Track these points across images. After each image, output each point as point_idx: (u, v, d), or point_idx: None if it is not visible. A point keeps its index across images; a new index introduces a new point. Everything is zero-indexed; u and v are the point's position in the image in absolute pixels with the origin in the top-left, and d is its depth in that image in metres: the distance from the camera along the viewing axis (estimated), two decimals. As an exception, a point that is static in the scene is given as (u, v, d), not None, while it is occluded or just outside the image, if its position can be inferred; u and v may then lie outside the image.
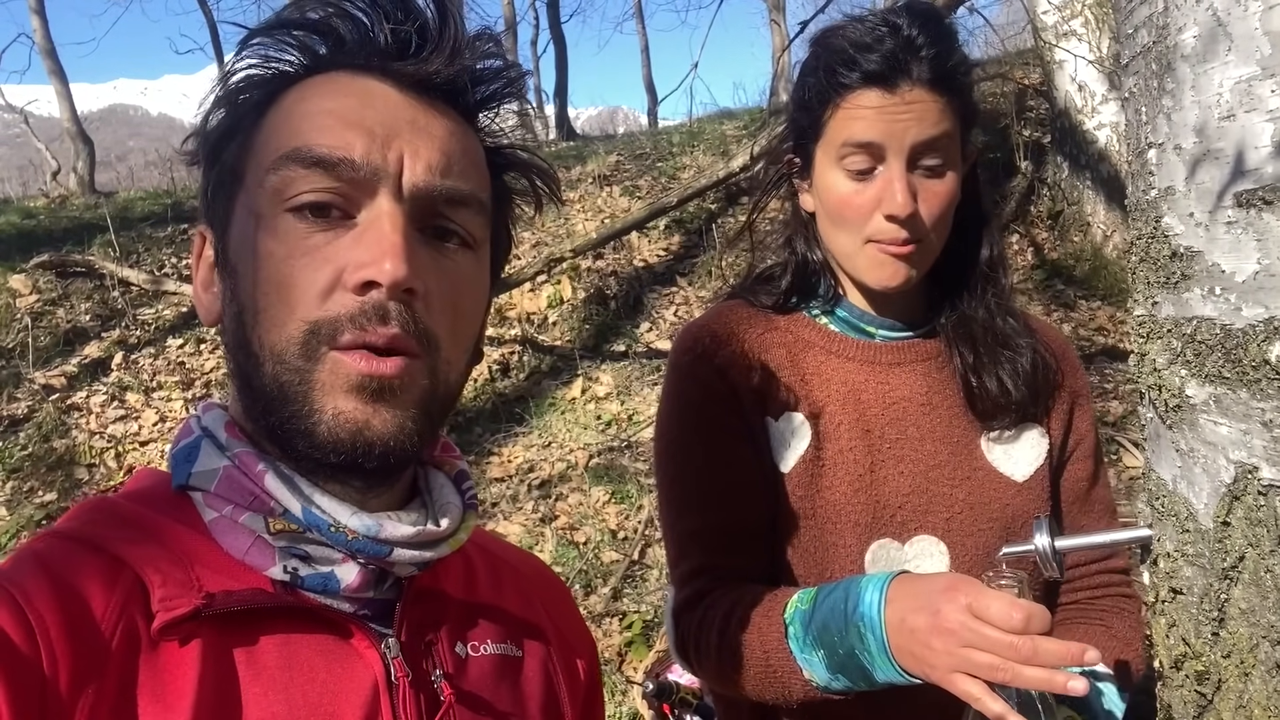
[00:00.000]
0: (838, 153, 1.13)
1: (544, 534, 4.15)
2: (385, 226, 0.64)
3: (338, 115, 0.66)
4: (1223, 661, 0.67)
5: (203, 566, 0.64)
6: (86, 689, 0.56)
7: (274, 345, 0.64)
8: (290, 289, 0.64)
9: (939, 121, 1.10)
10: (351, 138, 0.65)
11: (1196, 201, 0.66)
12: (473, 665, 0.74)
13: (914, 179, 1.11)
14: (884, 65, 1.09)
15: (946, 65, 1.10)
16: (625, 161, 7.96)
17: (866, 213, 1.12)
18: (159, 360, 5.90)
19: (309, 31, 0.70)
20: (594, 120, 35.98)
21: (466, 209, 0.70)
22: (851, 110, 1.12)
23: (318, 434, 0.64)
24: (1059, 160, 6.14)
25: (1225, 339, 0.65)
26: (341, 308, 0.63)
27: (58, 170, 10.52)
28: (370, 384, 0.63)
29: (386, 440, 0.65)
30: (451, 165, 0.68)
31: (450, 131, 0.70)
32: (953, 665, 0.90)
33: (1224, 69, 0.63)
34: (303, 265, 0.64)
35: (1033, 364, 1.21)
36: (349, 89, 0.68)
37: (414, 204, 0.66)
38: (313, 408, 0.64)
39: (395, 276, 0.62)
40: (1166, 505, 0.73)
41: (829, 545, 1.17)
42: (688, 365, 1.24)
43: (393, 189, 0.65)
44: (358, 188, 0.65)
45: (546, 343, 5.86)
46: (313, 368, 0.64)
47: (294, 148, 0.65)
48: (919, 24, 1.10)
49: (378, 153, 0.65)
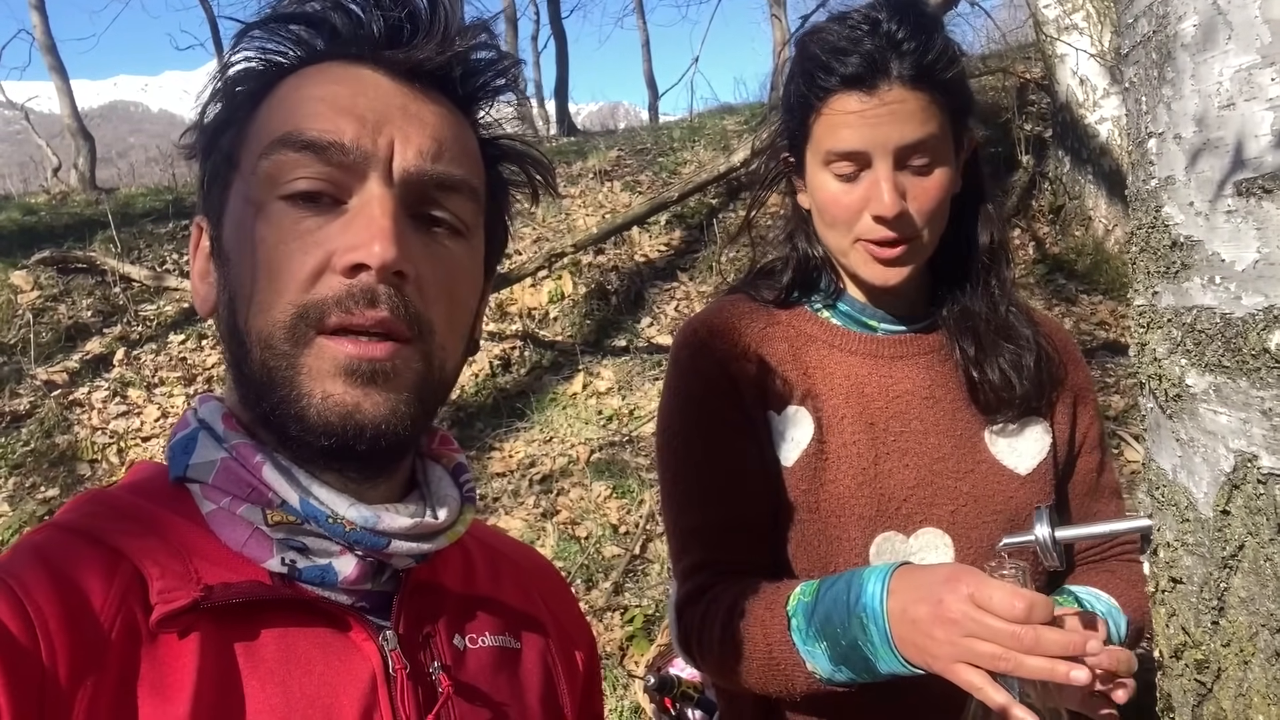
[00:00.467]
0: (824, 158, 1.14)
1: (545, 529, 4.15)
2: (375, 210, 0.64)
3: (329, 102, 0.66)
4: (1222, 650, 0.67)
5: (201, 558, 0.64)
6: (86, 681, 0.56)
7: (261, 330, 0.64)
8: (279, 273, 0.64)
9: (924, 121, 1.09)
10: (342, 123, 0.65)
11: (1196, 191, 0.66)
12: (471, 657, 0.74)
13: (902, 177, 1.11)
14: (862, 68, 1.09)
15: (927, 60, 1.09)
16: (626, 157, 7.95)
17: (855, 212, 1.13)
18: (160, 356, 5.90)
19: (304, 25, 0.70)
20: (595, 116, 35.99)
21: (458, 195, 0.70)
22: (833, 117, 1.12)
23: (308, 417, 0.64)
24: (1060, 155, 6.13)
25: (1225, 328, 0.64)
26: (329, 290, 0.63)
27: (59, 167, 10.53)
28: (361, 367, 0.63)
29: (378, 423, 0.64)
30: (443, 151, 0.68)
31: (441, 118, 0.70)
32: (955, 655, 0.90)
33: (1224, 58, 0.63)
34: (293, 249, 0.64)
35: (1036, 358, 1.21)
36: (341, 77, 0.68)
37: (404, 189, 0.66)
38: (300, 392, 0.64)
39: (384, 259, 0.62)
40: (1166, 495, 0.73)
41: (833, 539, 1.17)
42: (689, 360, 1.24)
43: (383, 174, 0.66)
44: (348, 173, 0.65)
45: (547, 338, 5.86)
46: (299, 352, 0.64)
47: (285, 132, 0.65)
48: (898, 18, 1.09)
49: (368, 138, 0.65)
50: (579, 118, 16.74)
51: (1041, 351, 1.22)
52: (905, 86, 1.08)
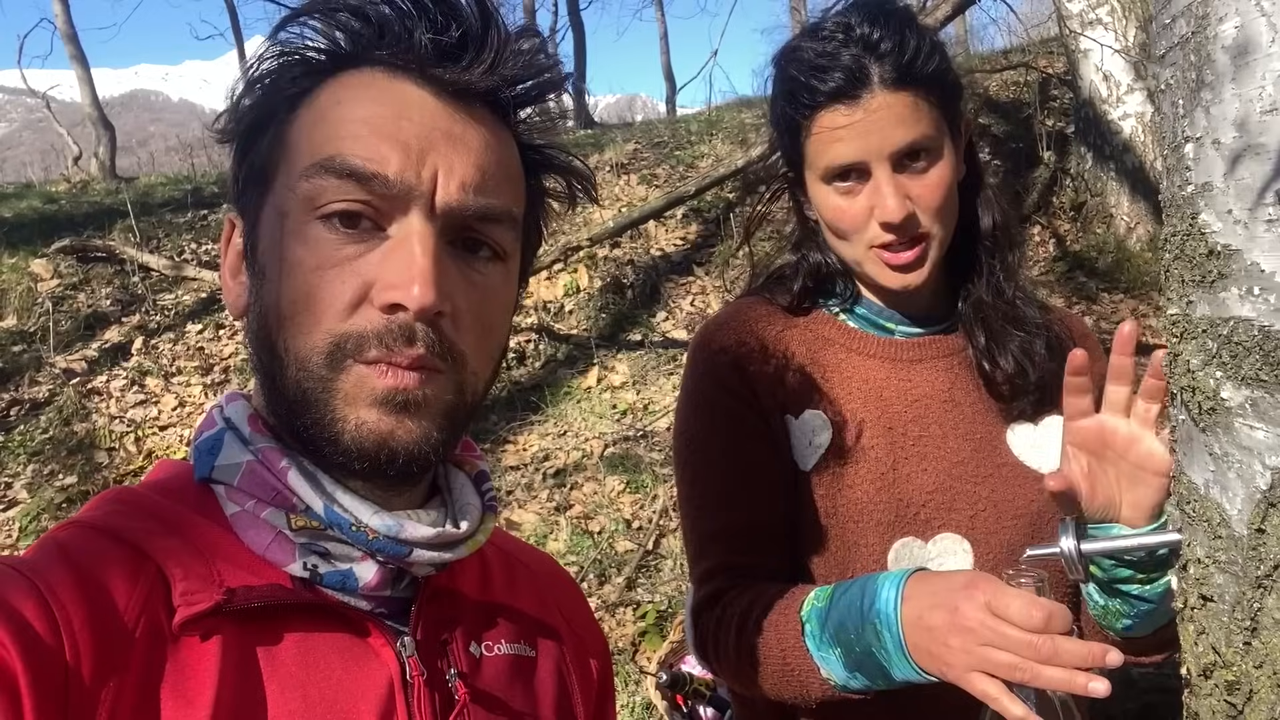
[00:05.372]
0: (822, 175, 1.14)
1: (559, 523, 4.15)
2: (415, 248, 0.64)
3: (373, 125, 0.65)
4: (1254, 672, 0.65)
5: (224, 561, 0.64)
6: (109, 682, 0.56)
7: (298, 352, 0.64)
8: (317, 300, 0.64)
9: (914, 121, 1.09)
10: (386, 150, 0.64)
11: (1236, 198, 0.64)
12: (487, 665, 0.74)
13: (903, 179, 1.10)
14: (843, 82, 1.08)
15: (905, 59, 1.08)
16: (643, 150, 7.93)
17: (863, 221, 1.13)
18: (178, 345, 5.94)
19: (349, 15, 0.68)
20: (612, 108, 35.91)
21: (499, 225, 0.69)
22: (823, 134, 1.12)
23: (342, 441, 0.64)
24: (1083, 151, 6.06)
25: (1264, 341, 0.62)
26: (368, 323, 0.63)
27: (79, 155, 10.61)
28: (395, 397, 0.64)
29: (411, 450, 0.65)
30: (486, 181, 0.68)
31: (486, 144, 0.69)
32: (971, 664, 0.89)
33: (1267, 61, 0.61)
34: (331, 277, 0.64)
35: (1048, 344, 1.20)
36: (385, 95, 0.67)
37: (446, 220, 0.66)
38: (335, 416, 0.64)
39: (423, 303, 0.62)
40: (1198, 510, 0.71)
41: (851, 544, 1.16)
42: (706, 363, 1.23)
43: (425, 207, 0.65)
44: (390, 202, 0.65)
45: (563, 331, 5.86)
46: (336, 377, 0.64)
47: (327, 156, 0.64)
48: (869, 21, 1.09)
49: (412, 170, 0.64)
50: (596, 110, 16.74)
51: (1054, 339, 1.21)
52: (889, 90, 1.08)
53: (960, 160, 1.17)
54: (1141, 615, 1.00)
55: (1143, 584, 0.97)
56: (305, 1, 0.69)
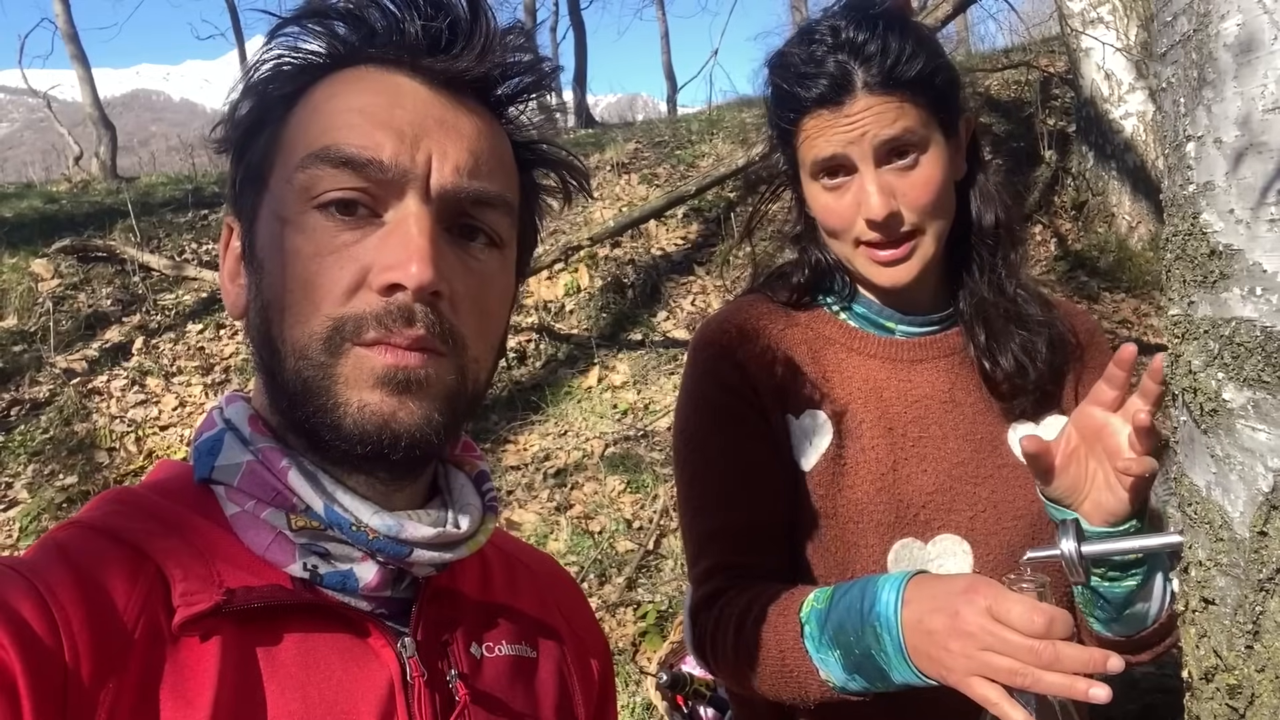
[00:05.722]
0: (810, 172, 1.16)
1: (559, 523, 4.14)
2: (412, 229, 0.64)
3: (367, 114, 0.66)
4: (1256, 675, 0.65)
5: (224, 561, 0.64)
6: (108, 682, 0.56)
7: (296, 341, 0.65)
8: (315, 286, 0.64)
9: (896, 120, 1.09)
10: (380, 138, 0.65)
11: (1238, 197, 0.64)
12: (488, 666, 0.74)
13: (888, 176, 1.11)
14: (827, 89, 1.10)
15: (889, 63, 1.09)
16: (644, 149, 7.92)
17: (850, 218, 1.14)
18: (179, 345, 5.93)
19: (339, 20, 0.69)
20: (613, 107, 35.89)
21: (494, 210, 0.70)
22: (809, 136, 1.14)
23: (344, 426, 0.64)
24: (1084, 150, 6.05)
25: (1266, 342, 0.62)
26: (366, 306, 0.63)
27: (80, 155, 10.61)
28: (396, 375, 0.64)
29: (413, 432, 0.65)
30: (480, 166, 0.68)
31: (479, 130, 0.69)
32: (971, 669, 0.89)
33: (1270, 59, 0.61)
34: (329, 263, 0.64)
35: (1050, 343, 1.19)
36: (378, 86, 0.68)
37: (441, 204, 0.66)
38: (337, 401, 0.64)
39: (421, 280, 0.62)
40: (1199, 512, 0.71)
41: (851, 545, 1.16)
42: (707, 362, 1.23)
43: (420, 190, 0.65)
44: (385, 188, 0.65)
45: (563, 331, 5.86)
46: (335, 362, 0.64)
47: (322, 146, 0.65)
48: (857, 25, 1.10)
49: (406, 154, 0.65)
50: (597, 109, 16.74)
51: (1056, 337, 1.20)
52: (873, 93, 1.09)
53: (959, 158, 1.17)
54: (1105, 612, 1.02)
55: (1101, 579, 0.99)
56: (300, 7, 0.70)
